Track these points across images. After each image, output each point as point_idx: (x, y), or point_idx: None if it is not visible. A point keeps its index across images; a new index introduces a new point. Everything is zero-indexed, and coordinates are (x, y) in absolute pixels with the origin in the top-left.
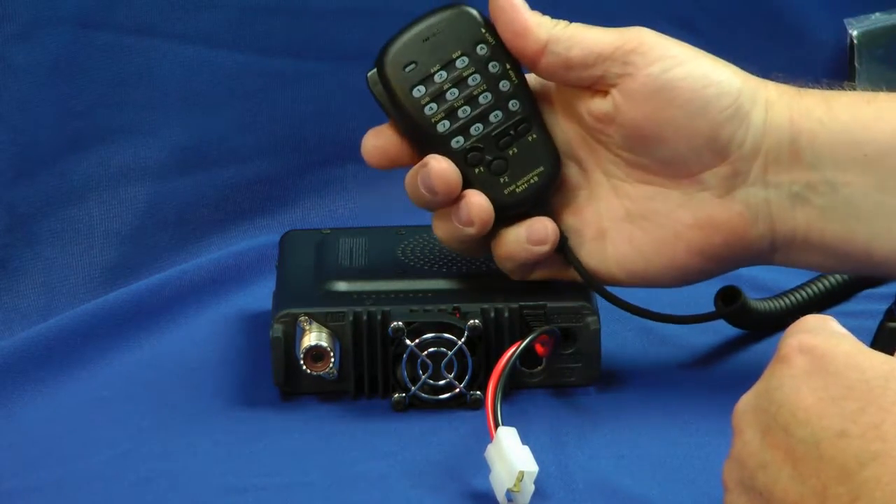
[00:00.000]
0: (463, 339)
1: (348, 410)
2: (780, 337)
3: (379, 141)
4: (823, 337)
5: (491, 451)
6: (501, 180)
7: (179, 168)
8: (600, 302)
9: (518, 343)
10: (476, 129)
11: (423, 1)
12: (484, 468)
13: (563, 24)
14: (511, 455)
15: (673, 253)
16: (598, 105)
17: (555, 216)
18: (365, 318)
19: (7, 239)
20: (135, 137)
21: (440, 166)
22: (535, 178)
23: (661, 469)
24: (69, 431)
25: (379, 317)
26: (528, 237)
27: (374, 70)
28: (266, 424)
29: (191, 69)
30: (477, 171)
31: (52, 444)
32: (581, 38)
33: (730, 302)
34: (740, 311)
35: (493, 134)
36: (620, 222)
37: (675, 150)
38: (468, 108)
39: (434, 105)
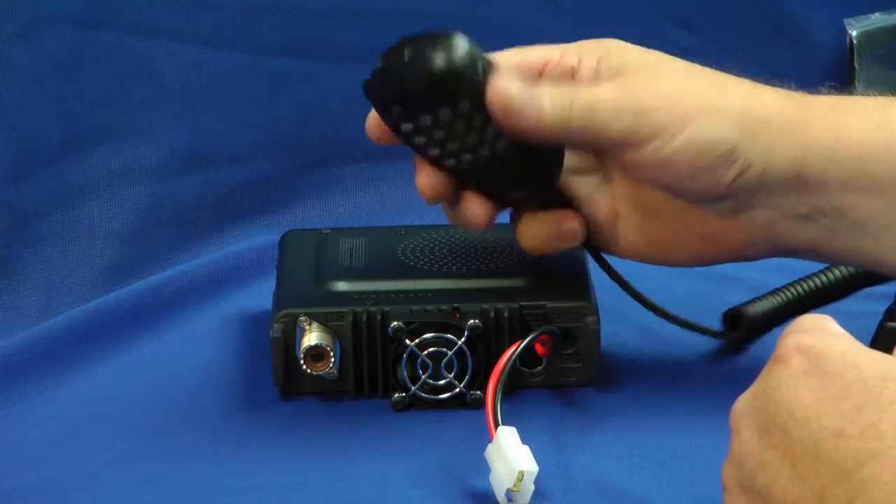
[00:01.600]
0: (463, 339)
1: (348, 410)
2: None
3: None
4: (821, 336)
5: (491, 451)
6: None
7: (179, 168)
8: (600, 302)
9: (518, 343)
10: (465, 156)
11: (422, 0)
12: (484, 468)
13: (567, 104)
14: (511, 455)
15: (678, 252)
16: (599, 168)
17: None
18: (365, 318)
19: (7, 239)
20: (135, 137)
21: (476, 210)
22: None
23: (661, 469)
24: (69, 431)
25: (379, 317)
26: (558, 234)
27: (370, 80)
28: (266, 424)
29: (191, 69)
30: (473, 181)
31: (52, 444)
32: (584, 128)
33: (733, 327)
34: (745, 333)
35: (482, 161)
36: (632, 208)
37: (676, 199)
38: (456, 143)
39: (423, 138)
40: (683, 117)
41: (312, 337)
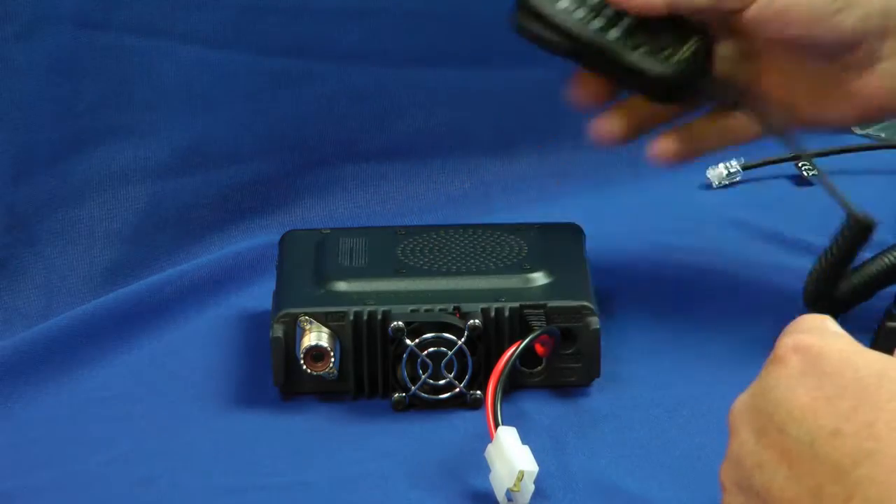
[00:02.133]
0: (463, 339)
1: (348, 410)
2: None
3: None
4: (818, 336)
5: (491, 451)
6: (665, 54)
7: (179, 168)
8: (600, 302)
9: (518, 343)
10: (623, 15)
11: (421, 0)
12: (484, 468)
13: None
14: (511, 455)
15: (823, 115)
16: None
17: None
18: (365, 318)
19: (7, 239)
20: (135, 137)
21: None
22: (694, 43)
23: (661, 469)
24: (69, 431)
25: (379, 317)
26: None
27: (515, 12)
28: (266, 424)
29: (191, 69)
30: (641, 51)
31: (52, 444)
32: None
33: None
34: None
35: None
36: (774, 89)
37: (807, 55)
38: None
39: (580, 10)
40: None
41: (312, 337)
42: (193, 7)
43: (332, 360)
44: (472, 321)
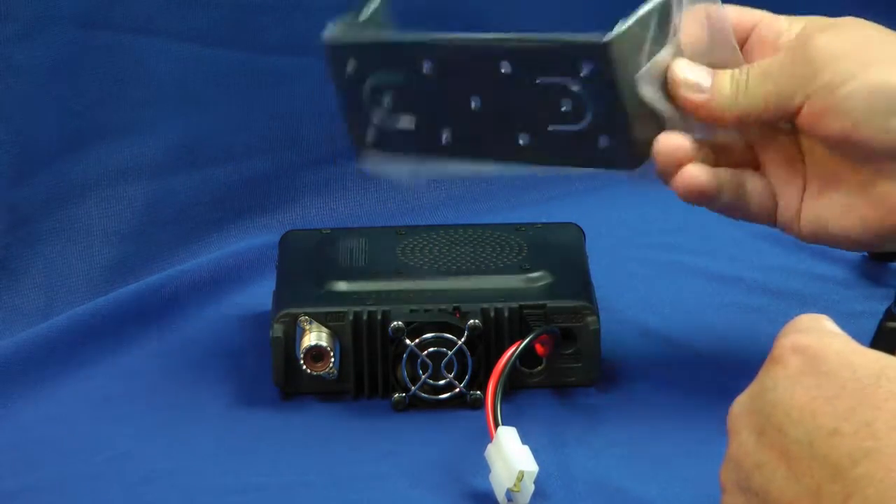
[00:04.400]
0: (463, 339)
1: (348, 410)
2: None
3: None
4: (816, 336)
5: (491, 451)
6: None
7: (178, 167)
8: (600, 302)
9: (518, 343)
10: None
11: None
12: (484, 468)
13: (743, 78)
14: (511, 455)
15: (849, 224)
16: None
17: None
18: (365, 318)
19: (7, 239)
20: (133, 136)
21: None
22: None
23: (661, 469)
24: (69, 431)
25: (379, 317)
26: None
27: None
28: (266, 424)
29: (188, 67)
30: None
31: (52, 444)
32: (769, 95)
33: None
34: None
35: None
36: (817, 178)
37: (849, 153)
38: None
39: None
40: (859, 66)
41: (312, 337)
42: (190, 5)
43: (332, 360)
44: (472, 321)
